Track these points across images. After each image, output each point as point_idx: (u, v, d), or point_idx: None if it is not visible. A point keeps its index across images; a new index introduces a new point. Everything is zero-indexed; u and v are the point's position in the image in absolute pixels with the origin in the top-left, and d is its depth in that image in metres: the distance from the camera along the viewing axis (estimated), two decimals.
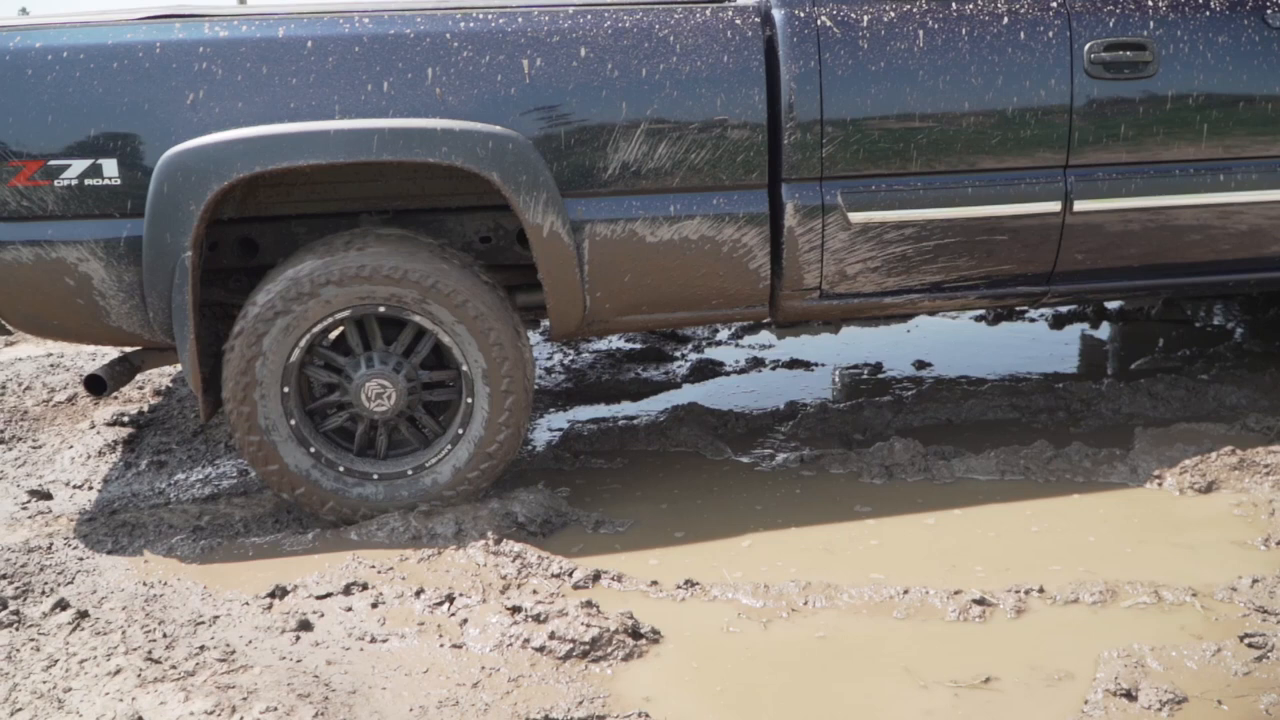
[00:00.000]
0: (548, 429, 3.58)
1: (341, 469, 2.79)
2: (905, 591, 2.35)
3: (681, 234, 2.72)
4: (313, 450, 2.77)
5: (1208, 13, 2.84)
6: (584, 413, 3.72)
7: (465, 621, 2.30)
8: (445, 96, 2.57)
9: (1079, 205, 2.83)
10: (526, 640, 2.19)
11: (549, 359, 4.33)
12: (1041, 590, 2.33)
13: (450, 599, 2.38)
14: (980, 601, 2.29)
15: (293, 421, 2.74)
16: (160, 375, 4.24)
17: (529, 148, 2.59)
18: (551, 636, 2.18)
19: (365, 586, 2.44)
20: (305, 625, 2.29)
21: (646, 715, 1.95)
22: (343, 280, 2.62)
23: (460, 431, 2.79)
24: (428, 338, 2.76)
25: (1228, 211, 2.94)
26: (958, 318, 4.70)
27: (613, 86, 2.62)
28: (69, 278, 2.60)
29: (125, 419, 3.67)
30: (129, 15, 2.64)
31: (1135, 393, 3.48)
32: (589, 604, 2.27)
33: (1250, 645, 2.07)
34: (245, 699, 2.00)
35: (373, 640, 2.24)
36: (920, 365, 4.05)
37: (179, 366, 3.28)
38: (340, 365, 2.77)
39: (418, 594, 2.40)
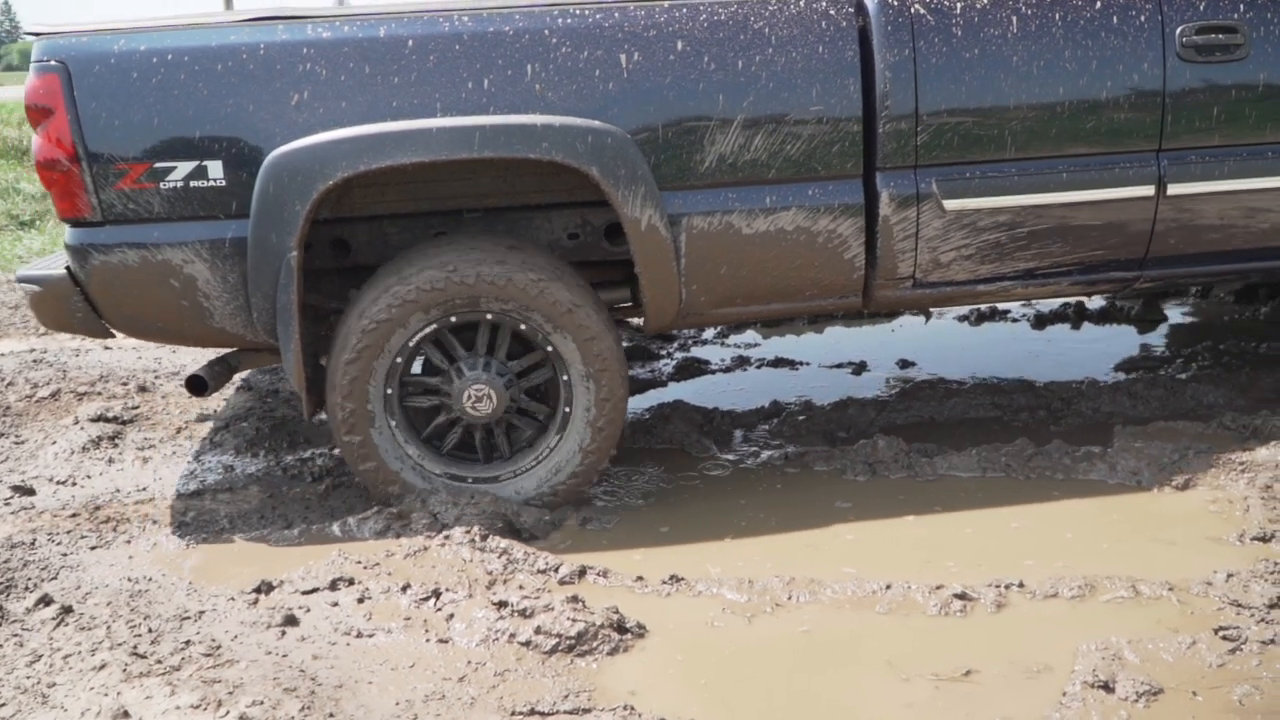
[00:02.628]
0: None
1: (437, 472, 2.82)
2: (887, 586, 2.37)
3: (777, 225, 2.73)
4: (412, 452, 2.80)
5: None
6: None
7: (451, 616, 2.31)
8: (545, 92, 2.58)
9: (1172, 189, 2.84)
10: (512, 635, 2.21)
11: None
12: (1021, 585, 2.36)
13: (436, 594, 2.39)
14: (961, 596, 2.31)
15: (393, 423, 2.77)
16: (144, 371, 4.23)
17: (627, 142, 2.60)
18: (537, 631, 2.20)
19: (351, 582, 2.45)
20: (291, 620, 2.29)
21: (631, 708, 1.97)
22: (452, 289, 2.63)
23: (559, 436, 2.81)
24: (533, 348, 2.78)
25: None
26: (941, 317, 4.74)
27: (709, 80, 2.63)
28: (174, 279, 2.62)
29: (109, 415, 3.66)
30: (232, 17, 2.66)
31: (1115, 391, 3.52)
32: (575, 599, 2.29)
33: (1225, 638, 2.10)
34: (231, 693, 2.00)
35: (359, 635, 2.25)
36: (904, 364, 4.08)
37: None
38: (434, 385, 2.79)
39: (404, 589, 2.41)
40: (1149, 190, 2.84)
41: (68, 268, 2.67)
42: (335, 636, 2.24)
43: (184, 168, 2.54)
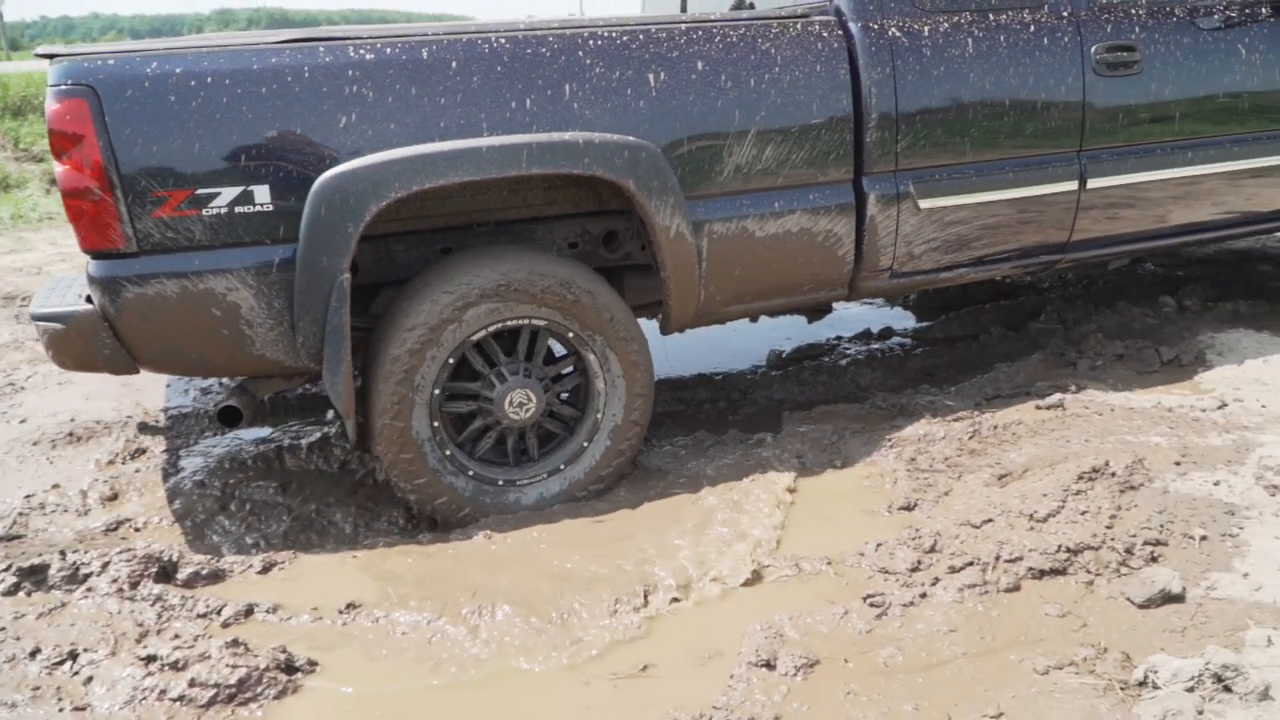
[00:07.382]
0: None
1: (479, 475, 2.80)
2: None
3: (784, 227, 2.96)
4: (453, 460, 2.77)
5: None
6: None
7: (90, 679, 2.06)
8: (582, 110, 2.65)
9: (1091, 183, 3.31)
10: (163, 691, 2.00)
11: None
12: (692, 574, 2.44)
13: (73, 656, 2.12)
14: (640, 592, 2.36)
15: (439, 437, 2.75)
16: None
17: (658, 156, 2.73)
18: (192, 684, 2.00)
19: None
20: None
21: None
22: (498, 296, 2.67)
23: (591, 438, 2.89)
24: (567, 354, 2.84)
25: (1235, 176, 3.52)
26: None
27: (727, 96, 2.81)
28: (216, 308, 2.49)
29: None
30: (271, 40, 2.52)
31: (785, 379, 3.78)
32: (235, 642, 2.11)
33: (872, 605, 2.27)
34: None
35: None
36: None
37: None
38: (475, 391, 2.80)
39: (33, 654, 2.12)
40: (1073, 185, 3.31)
41: (88, 299, 2.48)
42: None
43: (229, 193, 2.44)
